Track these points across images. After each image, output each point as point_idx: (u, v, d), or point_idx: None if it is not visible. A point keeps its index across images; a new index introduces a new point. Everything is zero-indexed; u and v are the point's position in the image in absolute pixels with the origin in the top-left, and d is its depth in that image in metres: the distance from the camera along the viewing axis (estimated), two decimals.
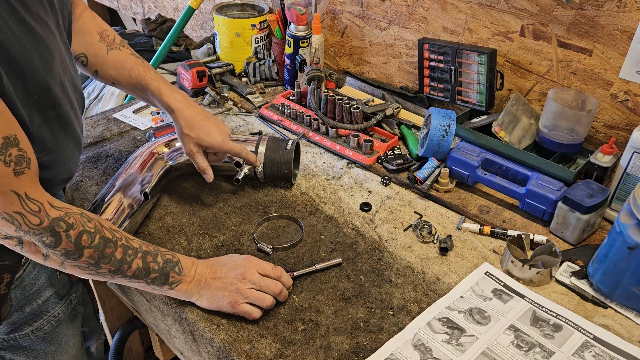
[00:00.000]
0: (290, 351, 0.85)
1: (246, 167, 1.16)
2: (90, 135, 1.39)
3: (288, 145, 1.17)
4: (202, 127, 1.07)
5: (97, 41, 1.07)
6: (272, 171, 1.17)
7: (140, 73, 1.08)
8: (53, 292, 1.03)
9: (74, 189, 1.19)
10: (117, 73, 1.08)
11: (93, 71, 1.08)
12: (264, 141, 1.18)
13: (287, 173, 1.17)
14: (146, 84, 1.08)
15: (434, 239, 1.08)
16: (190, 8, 1.70)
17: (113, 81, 1.10)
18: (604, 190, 1.04)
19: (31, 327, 1.01)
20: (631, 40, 1.09)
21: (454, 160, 1.20)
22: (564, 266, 1.01)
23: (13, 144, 0.72)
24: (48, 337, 1.05)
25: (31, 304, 0.99)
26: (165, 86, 1.09)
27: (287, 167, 1.17)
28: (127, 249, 0.85)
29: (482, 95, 1.32)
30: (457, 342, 0.87)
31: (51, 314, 1.03)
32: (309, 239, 1.08)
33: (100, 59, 1.07)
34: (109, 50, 1.07)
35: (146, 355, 1.77)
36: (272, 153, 1.16)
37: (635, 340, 0.89)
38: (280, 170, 1.17)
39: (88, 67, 1.07)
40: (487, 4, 1.29)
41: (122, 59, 1.08)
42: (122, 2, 2.62)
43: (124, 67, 1.08)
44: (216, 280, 0.91)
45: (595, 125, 1.22)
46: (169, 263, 0.89)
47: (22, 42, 0.72)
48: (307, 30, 1.53)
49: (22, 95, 0.73)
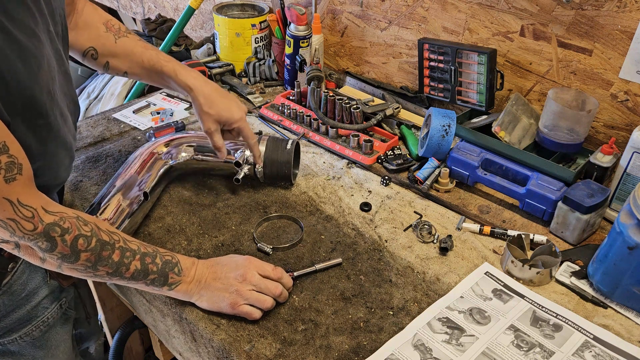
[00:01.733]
0: (290, 351, 0.85)
1: (246, 166, 1.16)
2: (90, 135, 1.39)
3: (288, 145, 1.17)
4: (221, 104, 1.08)
5: (104, 32, 1.06)
6: (272, 171, 1.17)
7: (153, 56, 1.08)
8: (43, 297, 1.00)
9: (73, 189, 1.19)
10: (129, 60, 1.07)
11: (104, 63, 1.07)
12: (264, 141, 1.18)
13: (287, 173, 1.17)
14: (160, 67, 1.07)
15: (434, 239, 1.08)
16: (190, 8, 1.70)
17: (126, 69, 1.09)
18: (604, 190, 1.04)
19: (20, 332, 0.99)
20: (631, 40, 1.09)
21: (454, 160, 1.20)
22: (564, 266, 1.01)
23: (2, 151, 0.71)
24: (37, 342, 1.02)
25: (20, 309, 0.97)
26: (179, 66, 1.08)
27: (287, 167, 1.17)
28: (125, 251, 0.85)
29: (482, 95, 1.32)
30: (457, 342, 0.87)
31: (41, 319, 1.01)
32: (309, 239, 1.08)
33: (109, 49, 1.06)
34: (117, 39, 1.07)
35: (146, 355, 1.77)
36: (272, 153, 1.16)
37: (635, 340, 0.89)
38: (280, 170, 1.17)
39: (98, 60, 1.06)
40: (487, 4, 1.29)
41: (131, 46, 1.08)
42: (122, 2, 2.62)
43: (134, 54, 1.07)
44: (216, 281, 0.90)
45: (595, 125, 1.22)
46: (168, 264, 0.89)
47: (4, 52, 0.71)
48: (307, 30, 1.53)
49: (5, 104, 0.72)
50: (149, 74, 1.10)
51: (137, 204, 1.05)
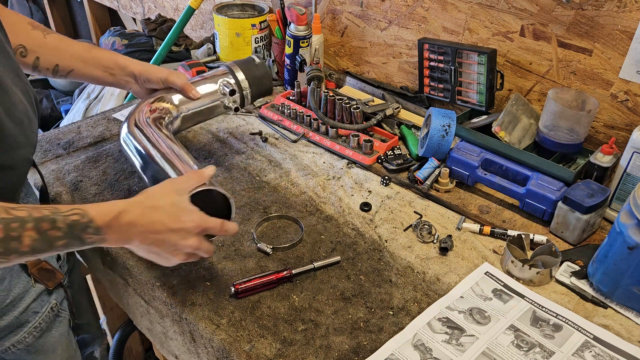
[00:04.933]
0: (290, 351, 0.85)
1: (236, 94, 1.20)
2: (90, 135, 1.39)
3: (257, 60, 1.24)
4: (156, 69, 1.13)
5: (31, 30, 1.03)
6: (258, 88, 1.24)
7: (86, 45, 1.08)
8: (31, 301, 0.96)
9: (74, 189, 1.19)
10: (61, 52, 1.05)
11: (33, 60, 1.03)
12: (236, 68, 1.22)
13: (269, 84, 1.25)
14: (97, 52, 1.08)
15: (434, 239, 1.08)
16: (190, 8, 1.70)
17: (57, 62, 1.05)
18: (604, 190, 1.04)
19: (12, 340, 0.95)
20: (631, 40, 1.09)
21: (454, 160, 1.20)
22: (564, 266, 1.01)
23: None
24: (32, 348, 0.99)
25: (7, 316, 0.92)
26: (120, 55, 1.11)
27: (268, 79, 1.24)
28: (9, 223, 0.70)
29: (482, 95, 1.32)
30: (457, 342, 0.87)
31: (32, 324, 0.97)
32: (309, 239, 1.08)
33: (39, 43, 1.03)
34: (45, 35, 1.04)
35: (146, 355, 1.78)
36: (251, 72, 1.22)
37: (635, 340, 0.89)
38: (263, 84, 1.24)
39: (28, 57, 1.02)
40: (487, 4, 1.29)
41: (61, 39, 1.06)
42: (122, 2, 2.62)
43: (66, 44, 1.06)
44: (153, 235, 0.80)
45: (595, 125, 1.22)
46: (75, 226, 0.75)
47: None
48: (307, 30, 1.53)
49: None
50: (83, 63, 1.07)
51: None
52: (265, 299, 0.94)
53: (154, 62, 1.76)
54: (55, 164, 1.28)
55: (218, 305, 0.93)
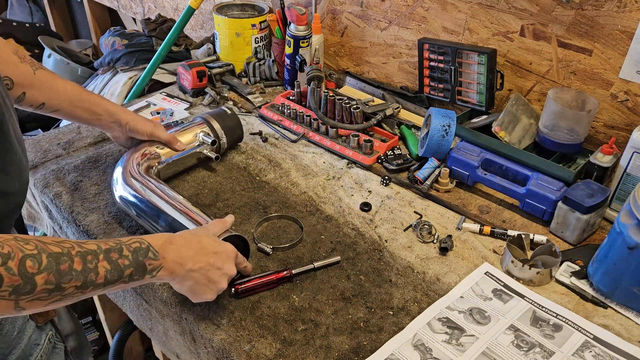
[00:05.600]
0: (290, 351, 0.85)
1: (214, 143, 1.24)
2: (90, 135, 1.39)
3: (228, 111, 1.31)
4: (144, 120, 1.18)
5: (19, 62, 1.01)
6: (232, 137, 1.30)
7: (76, 87, 1.09)
8: (31, 333, 0.93)
9: (74, 189, 1.19)
10: (50, 91, 1.05)
11: (19, 94, 1.01)
12: (212, 119, 1.27)
13: (240, 133, 1.33)
14: (87, 96, 1.10)
15: (434, 239, 1.08)
16: (190, 8, 1.70)
17: (44, 101, 1.05)
18: (604, 190, 1.04)
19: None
20: (631, 40, 1.09)
21: (454, 160, 1.20)
22: (564, 266, 1.01)
23: None
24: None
25: (16, 350, 0.90)
26: (105, 99, 1.13)
27: (239, 128, 1.32)
28: (85, 255, 0.72)
29: (482, 95, 1.32)
30: (457, 342, 0.87)
31: (35, 357, 0.94)
32: (309, 239, 1.08)
33: (28, 79, 1.02)
34: (35, 70, 1.03)
35: (146, 355, 1.78)
36: (225, 123, 1.28)
37: (635, 340, 0.89)
38: (235, 133, 1.31)
39: (13, 90, 1.00)
40: (487, 4, 1.29)
41: (51, 77, 1.06)
42: (122, 2, 2.62)
43: (57, 84, 1.06)
44: (196, 270, 0.85)
45: (595, 125, 1.22)
46: (138, 252, 0.78)
47: None
48: (307, 30, 1.53)
49: None
50: (71, 106, 1.08)
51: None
52: (265, 299, 0.94)
53: (153, 62, 1.76)
54: (55, 164, 1.28)
55: (218, 305, 0.93)
